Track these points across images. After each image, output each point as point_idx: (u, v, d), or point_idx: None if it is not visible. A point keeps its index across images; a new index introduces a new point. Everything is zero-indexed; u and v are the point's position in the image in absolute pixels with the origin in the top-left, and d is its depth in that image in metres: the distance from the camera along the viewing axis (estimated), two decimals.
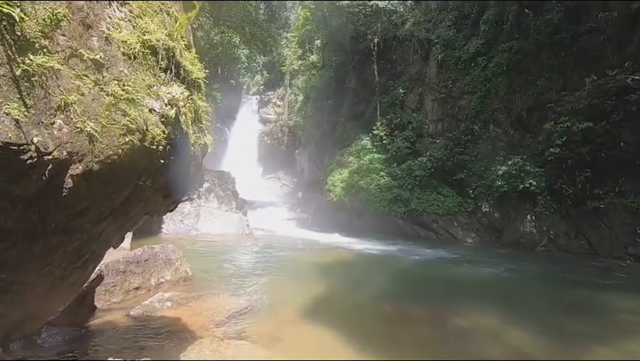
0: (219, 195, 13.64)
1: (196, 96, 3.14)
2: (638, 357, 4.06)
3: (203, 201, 13.34)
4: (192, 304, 5.11)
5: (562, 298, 6.55)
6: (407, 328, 4.91)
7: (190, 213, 12.86)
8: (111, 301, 5.03)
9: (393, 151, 15.85)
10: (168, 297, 5.19)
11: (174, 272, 6.11)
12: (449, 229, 13.69)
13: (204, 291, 5.78)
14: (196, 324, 4.38)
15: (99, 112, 1.89)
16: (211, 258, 8.85)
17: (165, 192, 2.54)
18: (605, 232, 10.80)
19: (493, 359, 4.02)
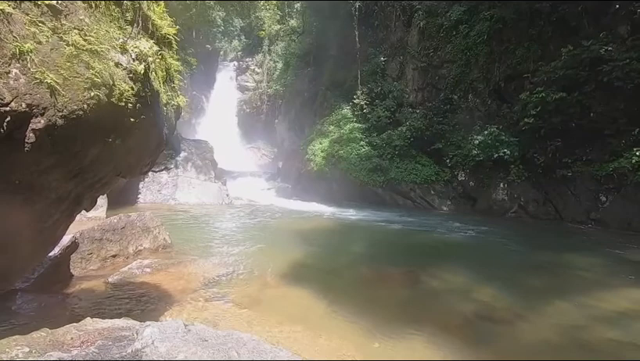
0: (197, 165, 13.38)
1: (167, 54, 2.98)
2: (585, 305, 4.44)
3: (181, 171, 13.07)
4: (172, 270, 5.13)
5: (528, 259, 6.97)
6: (383, 289, 5.13)
7: (167, 183, 12.61)
8: (88, 268, 4.96)
9: (374, 121, 15.85)
10: (148, 263, 5.18)
11: (152, 240, 6.06)
12: (426, 197, 14.08)
13: (184, 258, 5.79)
14: (177, 289, 4.41)
15: (60, 62, 1.76)
16: (190, 226, 8.80)
17: (137, 153, 2.46)
18: (571, 199, 11.40)
19: (466, 318, 4.27)
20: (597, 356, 3.41)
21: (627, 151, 10.31)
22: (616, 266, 6.39)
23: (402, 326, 3.83)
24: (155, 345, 1.57)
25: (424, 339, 3.59)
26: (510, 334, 3.85)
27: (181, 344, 1.61)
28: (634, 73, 9.89)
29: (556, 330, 3.96)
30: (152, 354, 1.49)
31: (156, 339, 1.63)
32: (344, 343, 3.27)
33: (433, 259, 6.88)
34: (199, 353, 1.52)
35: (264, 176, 18.95)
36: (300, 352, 2.81)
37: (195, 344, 1.63)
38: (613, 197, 10.53)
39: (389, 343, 3.46)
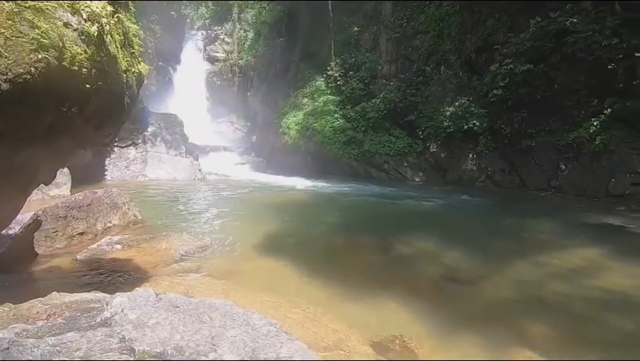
0: (166, 139, 12.91)
1: (124, 16, 2.78)
2: (542, 264, 4.81)
3: (150, 146, 12.59)
4: (144, 245, 5.04)
5: (492, 225, 7.38)
6: (356, 256, 5.30)
7: (136, 159, 12.15)
8: (54, 247, 4.79)
9: (348, 93, 15.73)
10: (118, 240, 5.06)
11: (121, 216, 5.89)
12: (399, 169, 14.37)
13: (157, 234, 5.69)
14: (150, 263, 4.36)
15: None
16: (162, 202, 8.61)
17: (97, 123, 2.33)
18: (535, 168, 11.99)
19: (432, 280, 4.51)
20: (550, 310, 3.73)
21: (585, 122, 10.86)
22: (572, 229, 6.89)
23: (374, 289, 4.01)
24: (124, 313, 1.57)
25: (394, 301, 3.78)
26: (473, 293, 4.12)
27: (152, 311, 1.62)
28: (596, 45, 10.25)
29: (515, 287, 4.27)
30: (121, 321, 1.49)
31: (125, 307, 1.63)
32: (317, 308, 3.39)
33: (404, 228, 7.14)
34: (170, 318, 1.54)
35: (237, 151, 18.60)
36: (273, 317, 2.89)
37: (166, 310, 1.64)
38: (571, 165, 11.16)
39: (360, 306, 3.62)
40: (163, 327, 1.45)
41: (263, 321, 1.72)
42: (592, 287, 4.24)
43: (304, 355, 1.41)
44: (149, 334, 1.37)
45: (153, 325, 1.46)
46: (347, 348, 2.68)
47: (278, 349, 1.42)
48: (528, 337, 3.19)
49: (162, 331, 1.41)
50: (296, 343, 1.52)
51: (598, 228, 7.05)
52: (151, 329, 1.42)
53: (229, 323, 1.61)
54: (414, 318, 3.44)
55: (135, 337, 1.34)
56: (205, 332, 1.46)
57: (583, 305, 3.84)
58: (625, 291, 4.20)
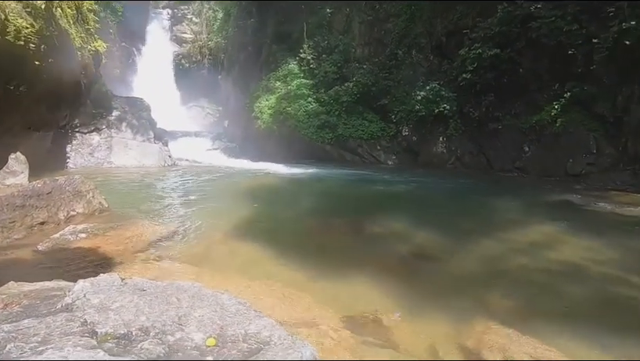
0: (133, 124, 12.37)
1: None
2: (505, 240, 5.09)
3: (115, 132, 12.02)
4: (111, 233, 4.87)
5: (459, 204, 7.68)
6: (328, 238, 5.38)
7: (100, 145, 11.59)
8: (12, 238, 4.54)
9: (321, 76, 15.60)
10: (82, 228, 4.85)
11: (86, 204, 5.64)
12: (373, 152, 14.56)
13: (124, 221, 5.50)
14: (118, 251, 4.23)
15: None
16: (130, 190, 8.31)
17: (49, 103, 2.19)
18: (500, 150, 12.49)
19: (403, 258, 4.66)
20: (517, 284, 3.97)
21: (547, 105, 11.37)
22: (532, 206, 7.29)
23: (346, 268, 4.09)
24: (87, 298, 1.53)
25: (366, 278, 3.89)
26: (440, 269, 4.31)
27: (117, 294, 1.58)
28: (558, 31, 10.65)
29: (479, 262, 4.50)
30: (83, 306, 1.45)
31: (88, 292, 1.58)
32: (291, 288, 3.44)
33: (376, 209, 7.29)
34: (136, 301, 1.51)
35: (209, 136, 18.12)
36: (245, 298, 2.90)
37: (132, 293, 1.61)
38: (534, 147, 11.72)
39: (333, 284, 3.70)
40: (127, 310, 1.42)
41: (232, 301, 1.73)
42: (549, 260, 4.53)
43: (273, 330, 1.43)
44: (113, 317, 1.34)
45: (117, 308, 1.43)
46: (320, 325, 2.74)
47: (246, 326, 1.44)
48: (491, 308, 3.38)
49: (126, 314, 1.39)
50: (265, 320, 1.54)
51: (556, 205, 7.50)
52: (115, 312, 1.39)
53: (198, 303, 1.61)
54: (385, 294, 3.56)
55: (98, 320, 1.31)
56: (172, 313, 1.45)
57: (540, 276, 4.11)
58: (578, 262, 4.52)
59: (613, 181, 9.66)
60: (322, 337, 2.52)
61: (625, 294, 3.72)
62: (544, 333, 2.87)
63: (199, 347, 1.22)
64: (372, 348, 2.58)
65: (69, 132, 10.25)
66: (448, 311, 3.26)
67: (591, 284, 3.97)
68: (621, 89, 10.29)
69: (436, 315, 3.20)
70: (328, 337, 2.53)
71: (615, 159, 10.08)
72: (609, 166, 10.07)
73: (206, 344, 1.24)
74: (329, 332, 2.62)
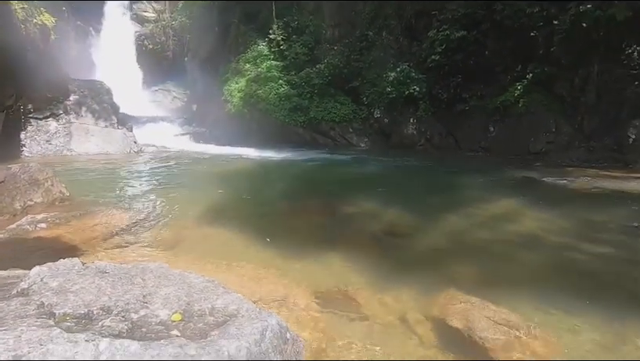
0: (93, 109, 11.71)
1: None
2: (469, 215, 5.34)
3: (74, 117, 11.35)
4: (74, 222, 4.66)
5: (428, 184, 7.92)
6: (301, 219, 5.42)
7: (58, 132, 10.93)
8: None
9: (292, 58, 15.32)
10: (42, 218, 4.61)
11: (44, 193, 5.35)
12: (345, 135, 14.62)
13: (89, 210, 5.28)
14: (82, 240, 4.07)
15: None
16: (93, 178, 7.94)
17: None
18: (468, 130, 12.89)
19: (374, 235, 4.78)
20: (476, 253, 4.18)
21: (511, 86, 11.79)
22: (496, 184, 7.64)
23: (318, 248, 4.16)
24: (44, 282, 1.47)
25: (338, 257, 3.96)
26: (409, 245, 4.47)
27: (77, 277, 1.53)
28: (521, 13, 10.95)
29: (446, 237, 4.69)
30: (40, 290, 1.40)
31: (45, 276, 1.52)
32: (262, 269, 3.46)
33: (348, 191, 7.39)
34: (98, 282, 1.47)
35: (177, 121, 17.49)
36: (215, 277, 2.90)
37: (93, 276, 1.57)
38: (499, 127, 12.19)
39: (305, 263, 3.75)
40: (88, 291, 1.39)
41: (200, 279, 1.72)
42: (509, 232, 4.80)
43: (240, 303, 1.44)
44: (72, 298, 1.30)
45: (77, 290, 1.39)
46: (291, 302, 2.79)
47: (213, 301, 1.44)
48: (455, 278, 3.56)
49: (87, 295, 1.35)
50: (233, 295, 1.55)
51: (518, 182, 7.90)
52: (74, 293, 1.35)
53: (164, 282, 1.59)
54: (356, 270, 3.65)
55: (56, 302, 1.27)
56: (136, 292, 1.42)
57: (502, 247, 4.35)
58: (535, 233, 4.82)
59: (569, 158, 10.26)
60: (292, 312, 2.57)
61: (576, 259, 4.02)
62: (504, 298, 3.06)
63: (165, 322, 1.22)
64: (342, 320, 2.67)
65: (22, 117, 9.57)
66: (416, 283, 3.40)
67: (546, 252, 4.25)
68: (578, 70, 10.82)
69: (405, 287, 3.33)
70: (298, 312, 2.59)
71: (572, 137, 10.69)
72: (567, 144, 10.67)
73: (171, 320, 1.24)
74: (300, 307, 2.67)
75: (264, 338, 1.10)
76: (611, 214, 5.60)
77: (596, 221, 5.33)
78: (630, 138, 9.88)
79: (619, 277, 3.63)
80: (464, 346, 2.46)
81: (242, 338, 1.04)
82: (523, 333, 2.50)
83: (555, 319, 2.75)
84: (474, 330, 2.54)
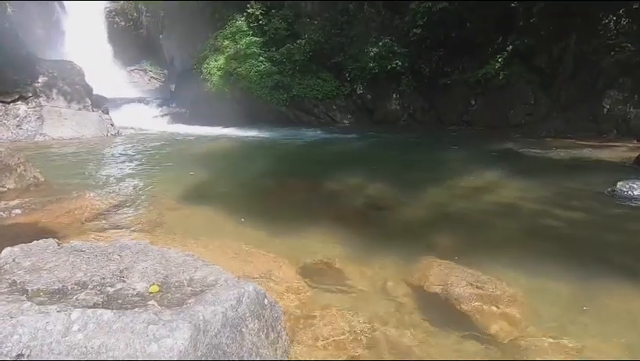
0: (65, 91, 11.19)
1: None
2: (450, 187, 5.46)
3: (44, 100, 10.84)
4: (51, 207, 4.54)
5: (411, 158, 8.02)
6: (286, 197, 5.43)
7: (28, 115, 10.44)
8: None
9: (271, 34, 14.88)
10: (17, 204, 4.47)
11: (17, 179, 5.16)
12: (329, 112, 14.50)
13: (66, 194, 5.13)
14: (60, 225, 3.98)
15: None
16: (69, 162, 7.70)
17: None
18: (450, 104, 12.97)
19: (357, 210, 4.84)
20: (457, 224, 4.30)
21: (492, 59, 11.82)
22: (476, 156, 7.80)
23: (303, 224, 4.19)
24: (16, 262, 1.45)
25: (322, 231, 4.02)
26: (391, 217, 4.56)
27: (51, 256, 1.51)
28: None
29: (427, 208, 4.81)
30: (12, 269, 1.37)
31: (17, 256, 1.50)
32: (247, 245, 3.48)
33: (333, 167, 7.41)
34: (72, 260, 1.46)
35: (155, 102, 16.93)
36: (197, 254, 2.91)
37: (68, 254, 1.55)
38: (480, 100, 12.30)
39: (290, 239, 3.79)
40: (63, 268, 1.37)
41: (179, 254, 1.72)
42: (488, 202, 4.96)
43: (219, 275, 1.46)
44: (46, 276, 1.29)
45: (51, 268, 1.38)
46: (276, 276, 2.84)
47: (192, 273, 1.45)
48: (435, 247, 3.67)
49: (62, 272, 1.34)
50: (213, 267, 1.56)
51: (498, 154, 8.08)
52: (48, 271, 1.34)
53: (142, 257, 1.59)
54: (340, 243, 3.72)
55: (29, 280, 1.26)
56: (112, 267, 1.42)
57: (480, 216, 4.50)
58: (513, 202, 4.98)
59: (547, 129, 10.50)
60: (276, 284, 2.62)
61: (550, 225, 4.20)
62: (480, 263, 3.19)
63: (142, 294, 1.22)
64: (325, 290, 2.74)
65: None
66: (397, 253, 3.49)
67: (522, 220, 4.42)
68: (557, 41, 10.91)
69: (386, 257, 3.42)
70: (282, 284, 2.64)
71: (549, 108, 10.90)
72: (545, 115, 10.90)
73: (149, 291, 1.25)
74: (284, 280, 2.73)
75: (240, 303, 1.13)
76: (585, 182, 5.82)
77: (571, 189, 5.55)
78: (604, 108, 10.15)
79: (589, 240, 3.81)
80: (440, 308, 2.58)
81: (218, 304, 1.06)
82: (496, 293, 2.63)
83: (526, 280, 2.90)
84: (450, 292, 2.65)
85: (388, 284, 2.91)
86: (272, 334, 1.22)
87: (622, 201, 4.88)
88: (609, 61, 10.02)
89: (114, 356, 0.79)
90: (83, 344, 0.82)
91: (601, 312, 2.61)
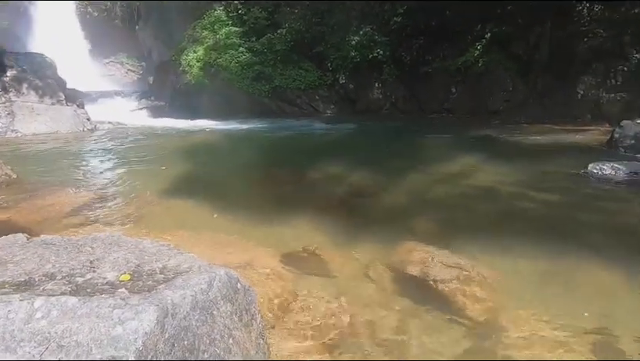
0: (36, 86, 10.77)
1: None
2: (431, 173, 5.56)
3: (14, 95, 10.40)
4: (24, 205, 4.41)
5: (393, 146, 8.09)
6: (269, 187, 5.42)
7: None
8: None
9: (251, 23, 14.62)
10: None
11: None
12: (312, 103, 14.42)
13: (40, 191, 4.99)
14: (33, 222, 3.87)
15: None
16: (43, 158, 7.44)
17: None
18: (431, 93, 13.08)
19: (340, 198, 4.88)
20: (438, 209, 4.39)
21: (471, 47, 11.95)
22: (456, 143, 7.93)
23: (285, 213, 4.20)
24: None
25: (305, 220, 4.04)
26: (375, 204, 4.62)
27: (19, 250, 1.48)
28: None
29: (409, 195, 4.88)
30: None
31: None
32: (229, 236, 3.48)
33: (316, 158, 7.40)
34: (41, 252, 1.43)
35: (133, 95, 16.47)
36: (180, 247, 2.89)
37: (37, 247, 1.51)
38: (460, 88, 12.45)
39: (273, 229, 3.80)
40: (30, 261, 1.34)
41: (154, 244, 1.71)
42: (467, 187, 5.06)
43: (193, 262, 1.46)
44: (12, 268, 1.26)
45: (18, 261, 1.35)
46: (257, 264, 2.85)
47: (165, 261, 1.44)
48: (415, 231, 3.74)
49: (29, 264, 1.31)
50: (187, 255, 1.55)
51: (477, 140, 8.24)
52: (15, 264, 1.31)
53: (115, 248, 1.57)
54: (322, 231, 3.75)
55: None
56: (82, 258, 1.40)
57: (459, 200, 4.60)
58: (491, 185, 5.11)
59: (525, 115, 10.75)
60: (255, 272, 2.63)
61: (526, 207, 4.34)
62: (459, 246, 3.27)
63: (112, 283, 1.21)
64: (307, 276, 2.77)
65: None
66: (379, 239, 3.55)
67: (500, 202, 4.54)
68: (533, 28, 11.10)
69: (368, 243, 3.47)
70: (263, 271, 2.65)
71: (526, 95, 11.15)
72: (522, 102, 11.14)
73: (119, 280, 1.24)
74: (266, 268, 2.74)
75: (211, 287, 1.13)
76: (560, 164, 6.01)
77: (546, 171, 5.72)
78: (579, 94, 10.44)
79: (561, 219, 3.96)
80: (420, 290, 2.64)
81: (188, 288, 1.06)
82: (473, 273, 2.72)
83: (502, 260, 3.00)
84: (429, 274, 2.72)
85: (369, 268, 2.96)
86: (246, 317, 1.24)
87: (593, 181, 5.08)
88: (582, 47, 10.28)
89: (78, 340, 0.79)
90: (46, 330, 0.81)
91: (571, 286, 2.73)
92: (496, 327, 2.30)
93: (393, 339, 2.17)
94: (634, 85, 9.78)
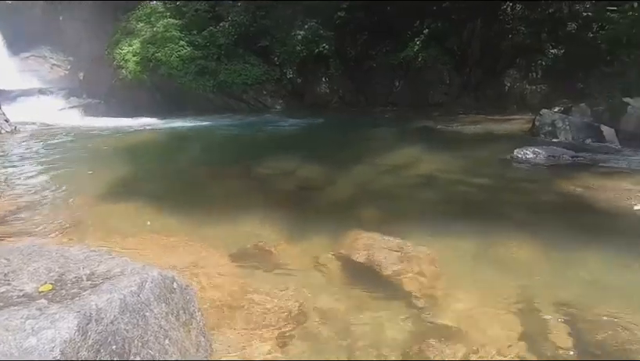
0: None
1: None
2: (376, 165, 5.78)
3: None
4: None
5: (340, 140, 8.30)
6: (216, 185, 5.28)
7: None
8: None
9: (191, 16, 13.97)
10: None
11: None
12: (259, 98, 14.18)
13: None
14: None
15: None
16: None
17: None
18: (376, 87, 13.49)
19: (288, 192, 4.89)
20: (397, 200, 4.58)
21: (411, 42, 12.50)
22: (399, 135, 8.32)
23: (233, 211, 4.13)
24: None
25: (253, 216, 4.00)
26: (323, 196, 4.71)
27: None
28: None
29: (354, 186, 5.04)
30: None
31: None
32: (174, 238, 3.35)
33: (264, 153, 7.34)
34: None
35: (60, 93, 14.97)
36: (125, 254, 2.73)
37: None
38: (403, 81, 13.00)
39: (221, 227, 3.72)
40: None
41: (82, 250, 1.60)
42: (409, 176, 5.35)
43: (125, 265, 1.39)
44: None
45: None
46: (204, 264, 2.79)
47: (94, 268, 1.36)
48: (361, 220, 3.88)
49: None
50: (120, 259, 1.48)
51: (418, 131, 8.69)
52: None
53: (35, 258, 1.45)
54: (271, 226, 3.75)
55: None
56: None
57: (401, 189, 4.85)
58: (431, 173, 5.44)
59: (461, 107, 11.52)
60: (203, 273, 2.58)
61: (460, 190, 4.70)
62: (401, 231, 3.45)
63: (30, 294, 1.13)
64: (257, 272, 2.77)
65: None
66: (327, 229, 3.63)
67: (438, 189, 4.87)
68: (466, 25, 11.89)
69: (316, 235, 3.54)
70: (213, 270, 2.60)
71: (462, 88, 11.95)
72: (458, 95, 11.93)
73: (39, 291, 1.15)
74: (215, 267, 2.69)
75: (142, 289, 1.10)
76: (491, 150, 6.56)
77: (479, 158, 6.22)
78: (506, 87, 11.43)
79: (490, 200, 4.35)
80: (366, 274, 2.77)
81: (115, 292, 1.02)
82: (413, 255, 2.90)
83: (439, 241, 3.23)
84: (375, 260, 2.85)
85: (318, 259, 3.02)
86: (184, 316, 1.22)
87: (518, 165, 5.63)
88: (507, 43, 11.23)
89: None
90: None
91: (500, 260, 3.02)
92: (434, 300, 2.49)
93: (342, 322, 2.25)
94: (551, 78, 10.91)
